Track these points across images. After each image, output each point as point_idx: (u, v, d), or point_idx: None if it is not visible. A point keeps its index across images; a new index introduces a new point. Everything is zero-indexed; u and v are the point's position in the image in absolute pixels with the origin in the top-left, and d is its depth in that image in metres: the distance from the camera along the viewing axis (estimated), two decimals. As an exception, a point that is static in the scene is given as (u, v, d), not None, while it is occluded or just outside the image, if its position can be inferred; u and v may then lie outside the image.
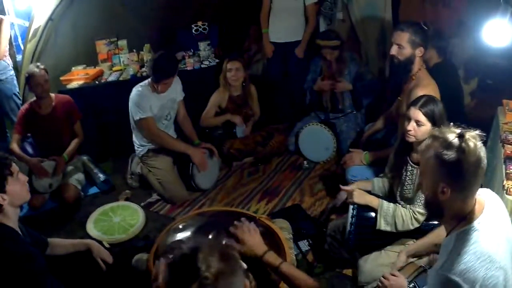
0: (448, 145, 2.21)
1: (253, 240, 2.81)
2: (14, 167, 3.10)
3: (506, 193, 3.38)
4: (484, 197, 2.38)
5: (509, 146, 3.92)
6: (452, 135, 2.24)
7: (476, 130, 2.28)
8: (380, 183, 4.09)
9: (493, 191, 2.56)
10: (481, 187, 2.36)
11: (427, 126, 3.49)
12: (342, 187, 4.13)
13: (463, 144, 2.18)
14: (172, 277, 1.83)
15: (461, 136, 2.21)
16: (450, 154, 2.20)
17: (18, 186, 3.09)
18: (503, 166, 3.68)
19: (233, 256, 1.95)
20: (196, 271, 1.77)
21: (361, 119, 6.12)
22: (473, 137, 2.23)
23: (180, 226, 3.27)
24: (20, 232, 3.14)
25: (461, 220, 2.28)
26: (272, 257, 2.74)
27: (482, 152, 2.22)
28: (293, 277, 2.66)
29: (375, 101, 6.14)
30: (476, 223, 2.23)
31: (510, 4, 2.87)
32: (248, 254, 2.74)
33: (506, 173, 3.57)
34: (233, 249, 2.01)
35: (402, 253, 3.44)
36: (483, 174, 2.24)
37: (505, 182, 3.49)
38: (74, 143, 5.65)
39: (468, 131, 2.25)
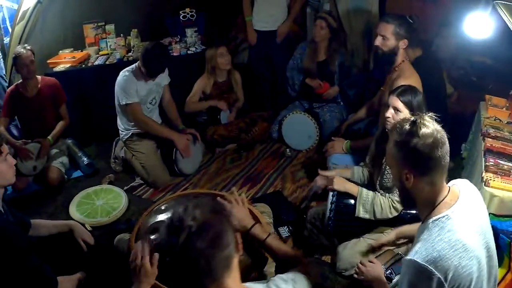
0: (403, 131, 2.30)
1: (242, 212, 2.86)
2: (4, 147, 3.15)
3: (485, 185, 3.48)
4: (459, 187, 2.43)
5: (489, 139, 4.03)
6: (406, 122, 2.32)
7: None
8: (360, 171, 4.15)
9: (473, 182, 2.61)
10: (460, 178, 2.42)
11: (404, 113, 3.55)
12: (320, 171, 4.20)
13: (415, 128, 2.26)
14: (163, 235, 1.90)
15: (413, 122, 2.29)
16: (404, 139, 2.28)
17: (4, 167, 3.13)
18: (483, 158, 3.76)
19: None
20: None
21: (345, 109, 6.15)
22: (428, 121, 2.30)
23: (163, 207, 3.30)
24: (3, 211, 3.17)
25: (434, 208, 2.32)
26: (259, 230, 2.79)
27: (440, 134, 2.28)
28: (279, 249, 2.70)
29: (359, 92, 6.20)
30: (450, 212, 2.27)
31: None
32: (236, 226, 2.78)
33: (485, 165, 3.68)
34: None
35: (393, 232, 3.48)
36: (445, 157, 2.29)
37: (484, 174, 3.59)
38: (59, 126, 5.65)
39: (423, 116, 2.32)
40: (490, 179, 3.52)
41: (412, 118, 2.33)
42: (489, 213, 3.34)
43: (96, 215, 4.91)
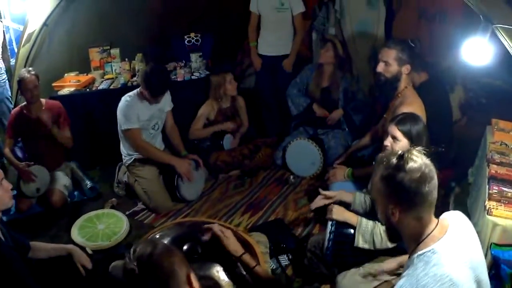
0: (389, 166, 2.26)
1: (230, 241, 2.86)
2: (0, 173, 3.16)
3: (487, 213, 3.39)
4: (449, 220, 2.37)
5: (494, 166, 3.92)
6: (393, 156, 2.28)
7: (434, 148, 2.33)
8: (362, 197, 4.08)
9: (477, 210, 2.56)
10: (465, 206, 2.38)
11: (403, 142, 3.53)
12: (321, 191, 4.15)
13: (401, 163, 2.22)
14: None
15: (400, 156, 2.25)
16: (390, 174, 2.24)
17: (1, 191, 3.13)
18: (487, 186, 3.70)
19: (165, 247, 2.04)
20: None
21: (350, 135, 6.12)
22: (416, 155, 2.26)
23: (157, 236, 3.30)
24: (1, 234, 3.18)
25: (420, 242, 2.27)
26: (248, 258, 2.79)
27: (428, 169, 2.24)
28: (266, 278, 2.69)
29: (365, 117, 6.17)
30: (436, 246, 2.20)
31: (490, 21, 2.88)
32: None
33: (489, 193, 3.58)
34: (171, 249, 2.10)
35: (395, 260, 3.42)
36: (432, 192, 2.24)
37: (487, 202, 3.49)
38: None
39: (412, 150, 2.29)
40: (493, 208, 3.44)
41: (400, 152, 2.30)
42: (491, 243, 3.30)
43: (97, 239, 4.88)
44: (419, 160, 2.24)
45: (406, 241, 2.36)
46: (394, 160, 2.25)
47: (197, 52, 6.85)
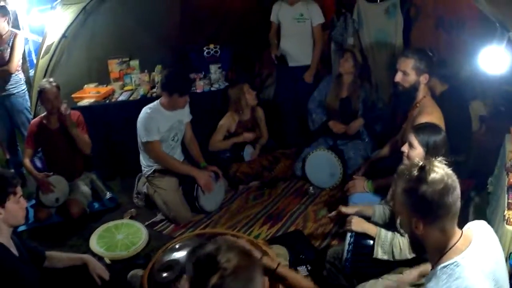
0: (410, 178, 2.22)
1: (248, 245, 2.85)
2: (19, 189, 3.21)
3: (506, 223, 3.34)
4: (473, 230, 2.33)
5: None
6: (414, 168, 2.25)
7: (451, 157, 2.29)
8: (381, 209, 4.05)
9: (496, 219, 2.52)
10: (485, 216, 2.34)
11: (418, 150, 3.52)
12: (342, 208, 4.13)
13: (423, 174, 2.18)
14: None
15: (422, 168, 2.22)
16: (412, 187, 2.20)
17: (16, 207, 3.19)
18: (506, 195, 3.65)
19: (251, 254, 2.00)
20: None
21: (370, 145, 6.10)
22: (438, 166, 2.22)
23: (177, 246, 3.30)
24: (14, 246, 3.24)
25: (444, 254, 2.24)
26: (269, 260, 2.73)
27: (451, 179, 2.20)
28: (290, 278, 2.66)
29: (385, 128, 6.15)
30: (460, 258, 2.17)
31: (506, 29, 2.86)
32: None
33: (508, 203, 3.52)
34: (250, 250, 2.06)
35: (416, 270, 3.39)
36: (456, 202, 2.21)
37: (506, 212, 3.44)
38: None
39: (433, 161, 2.26)
40: (513, 217, 3.41)
41: (421, 163, 2.27)
42: (510, 253, 3.25)
43: (116, 249, 4.90)
44: (440, 170, 2.20)
45: (430, 253, 2.33)
46: (415, 172, 2.21)
47: (216, 64, 6.87)
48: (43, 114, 5.59)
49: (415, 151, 3.55)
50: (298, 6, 6.43)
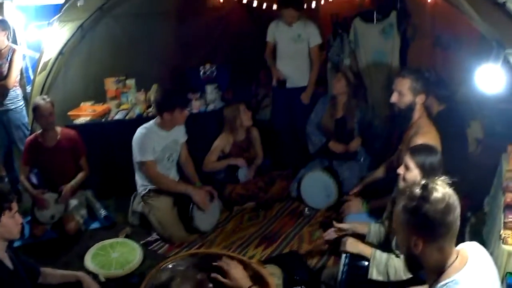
0: (413, 196, 2.22)
1: (238, 273, 2.83)
2: (14, 205, 3.22)
3: (503, 243, 3.33)
4: (468, 250, 2.34)
5: (510, 194, 3.81)
6: (417, 187, 2.25)
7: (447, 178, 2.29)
8: (377, 228, 4.05)
9: (492, 239, 2.53)
10: (481, 236, 2.34)
11: (415, 172, 3.50)
12: (335, 223, 4.12)
13: (426, 193, 2.18)
14: None
15: (424, 186, 2.22)
16: (414, 205, 2.20)
17: (11, 222, 3.20)
18: (502, 215, 3.64)
19: (206, 285, 1.99)
20: None
21: (365, 166, 6.10)
22: (440, 185, 2.23)
23: (170, 266, 3.29)
24: (9, 260, 3.25)
25: (441, 273, 2.24)
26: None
27: (452, 199, 2.21)
28: None
29: (385, 142, 6.15)
30: (458, 276, 2.18)
31: (503, 47, 2.87)
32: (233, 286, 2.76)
33: (504, 222, 3.51)
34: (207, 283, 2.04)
35: None
36: (456, 221, 2.22)
37: (502, 231, 3.43)
38: (80, 175, 5.77)
39: (435, 180, 2.26)
40: (509, 237, 3.38)
41: (423, 182, 2.26)
42: (507, 272, 3.24)
43: (110, 267, 4.87)
44: (442, 190, 2.21)
45: (428, 272, 2.33)
46: (418, 191, 2.22)
47: (213, 84, 6.91)
48: (38, 132, 5.63)
49: (411, 173, 3.54)
50: (296, 26, 6.45)
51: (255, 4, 7.62)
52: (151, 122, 5.46)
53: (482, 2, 2.79)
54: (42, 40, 6.15)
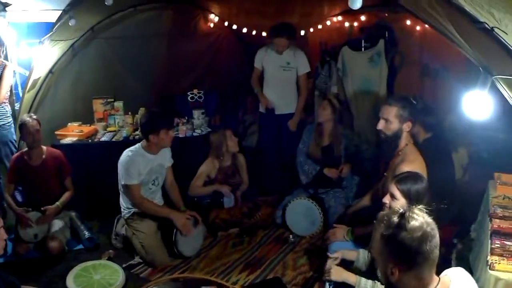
0: (390, 224, 2.23)
1: None
2: (0, 220, 3.20)
3: (490, 268, 3.33)
4: (451, 277, 2.34)
5: (496, 220, 3.85)
6: (395, 215, 2.25)
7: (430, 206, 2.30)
8: (365, 255, 4.04)
9: (479, 265, 2.53)
10: (468, 262, 2.34)
11: (401, 201, 3.51)
12: (330, 254, 4.10)
13: (403, 221, 2.20)
14: None
15: (402, 214, 2.23)
16: (391, 233, 2.21)
17: None
18: (489, 240, 3.65)
19: None
20: None
21: (351, 194, 6.08)
22: (417, 214, 2.23)
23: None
24: None
25: None
26: None
27: (430, 227, 2.22)
28: None
29: (374, 164, 6.13)
30: None
31: (490, 73, 2.89)
32: None
33: (491, 248, 3.51)
34: None
35: None
36: (433, 250, 2.22)
37: (489, 257, 3.44)
38: (65, 196, 5.76)
39: (413, 208, 2.27)
40: (496, 262, 3.38)
41: (401, 210, 2.28)
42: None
43: (92, 288, 4.87)
44: (420, 218, 2.22)
45: None
46: (395, 219, 2.24)
47: (200, 109, 6.92)
48: (24, 150, 5.64)
49: (398, 202, 3.55)
50: (286, 54, 6.52)
51: (244, 30, 7.69)
52: (138, 145, 5.46)
53: (470, 28, 2.82)
54: (33, 57, 6.16)
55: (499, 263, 3.35)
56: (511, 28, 2.80)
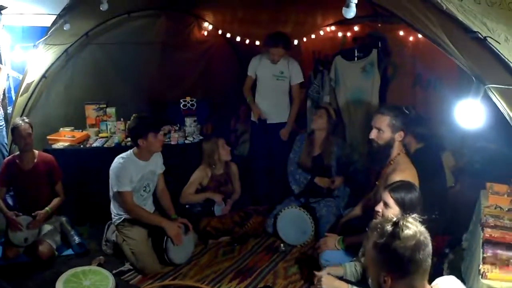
0: (383, 233, 2.24)
1: None
2: None
3: (482, 277, 3.34)
4: (441, 286, 2.35)
5: (488, 229, 3.86)
6: (388, 224, 2.25)
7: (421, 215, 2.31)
8: (352, 267, 4.04)
9: (472, 275, 2.53)
10: (460, 272, 2.35)
11: (394, 210, 3.51)
12: (316, 272, 4.08)
13: (397, 230, 2.20)
14: None
15: (395, 223, 2.23)
16: (384, 242, 2.22)
17: None
18: (481, 250, 3.65)
19: None
20: None
21: (342, 204, 6.11)
22: (411, 223, 2.24)
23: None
24: None
25: None
26: None
27: (423, 236, 2.23)
28: None
29: (360, 186, 6.14)
30: None
31: (483, 82, 2.90)
32: None
33: (483, 257, 3.52)
34: None
35: None
36: (426, 259, 2.23)
37: (481, 266, 3.44)
38: (56, 201, 5.76)
39: (406, 217, 2.27)
40: (487, 271, 3.38)
41: (394, 219, 2.28)
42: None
43: (82, 294, 4.84)
44: (414, 227, 2.23)
45: None
46: (388, 228, 2.24)
47: (192, 117, 6.92)
48: (16, 153, 5.63)
49: (391, 210, 3.55)
50: (279, 63, 6.53)
51: (238, 39, 7.71)
52: (129, 151, 5.45)
53: (463, 37, 2.82)
54: (27, 61, 6.16)
55: (491, 272, 3.35)
56: (504, 38, 2.81)
